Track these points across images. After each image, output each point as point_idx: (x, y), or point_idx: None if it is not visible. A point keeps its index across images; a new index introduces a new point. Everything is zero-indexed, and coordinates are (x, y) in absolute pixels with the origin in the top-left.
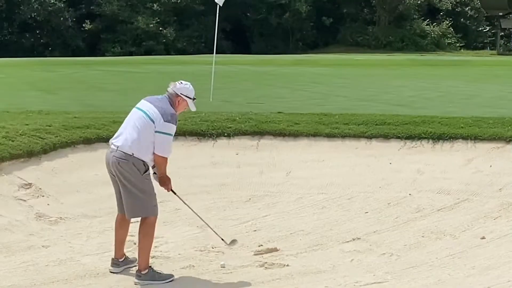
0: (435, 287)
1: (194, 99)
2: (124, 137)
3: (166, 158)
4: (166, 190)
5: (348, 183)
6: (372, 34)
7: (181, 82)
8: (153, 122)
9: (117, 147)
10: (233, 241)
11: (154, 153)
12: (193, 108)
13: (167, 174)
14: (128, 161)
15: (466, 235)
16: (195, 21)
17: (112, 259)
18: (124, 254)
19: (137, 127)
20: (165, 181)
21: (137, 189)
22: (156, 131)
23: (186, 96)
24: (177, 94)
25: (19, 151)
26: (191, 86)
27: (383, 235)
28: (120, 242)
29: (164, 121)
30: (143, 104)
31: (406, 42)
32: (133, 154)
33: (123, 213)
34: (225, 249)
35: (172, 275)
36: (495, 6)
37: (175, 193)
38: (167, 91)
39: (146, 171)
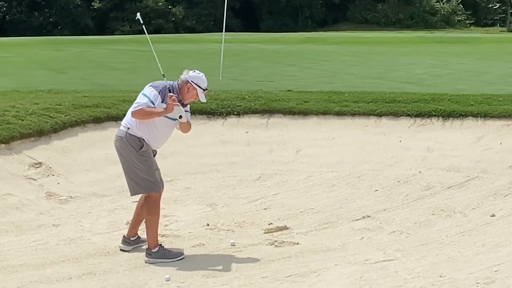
0: (445, 265)
1: (205, 90)
2: (126, 115)
3: (141, 110)
4: (176, 105)
5: (358, 161)
6: (382, 11)
7: (195, 71)
8: (152, 103)
9: (120, 125)
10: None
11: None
12: (203, 99)
13: (175, 152)
14: (122, 138)
15: (476, 213)
16: None
17: (124, 236)
18: (137, 234)
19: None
20: (171, 106)
21: (134, 166)
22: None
23: (196, 84)
24: (188, 81)
25: (29, 130)
26: (204, 76)
27: (393, 213)
28: (136, 221)
29: (148, 86)
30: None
31: (415, 20)
32: (128, 129)
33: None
34: (235, 228)
35: (182, 253)
36: None
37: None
38: (180, 78)
39: (141, 148)
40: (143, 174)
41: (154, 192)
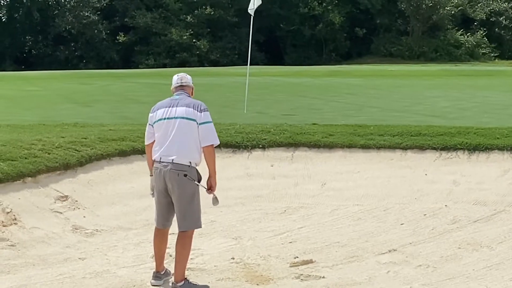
0: None
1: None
2: (176, 149)
3: (214, 149)
4: (211, 191)
5: (384, 194)
6: (406, 44)
7: (180, 75)
8: (195, 121)
9: (172, 160)
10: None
11: (203, 147)
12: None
13: None
14: (187, 172)
15: (503, 247)
16: (229, 32)
17: (154, 272)
18: (165, 267)
19: (186, 133)
20: (215, 181)
21: (195, 199)
22: (199, 124)
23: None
24: (192, 86)
25: (55, 163)
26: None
27: (419, 246)
28: (161, 256)
29: (200, 111)
30: (175, 112)
31: (440, 52)
32: (190, 163)
33: (166, 228)
34: (261, 261)
35: (207, 287)
36: None
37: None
38: (182, 88)
39: (200, 180)
40: (199, 207)
41: (199, 227)
